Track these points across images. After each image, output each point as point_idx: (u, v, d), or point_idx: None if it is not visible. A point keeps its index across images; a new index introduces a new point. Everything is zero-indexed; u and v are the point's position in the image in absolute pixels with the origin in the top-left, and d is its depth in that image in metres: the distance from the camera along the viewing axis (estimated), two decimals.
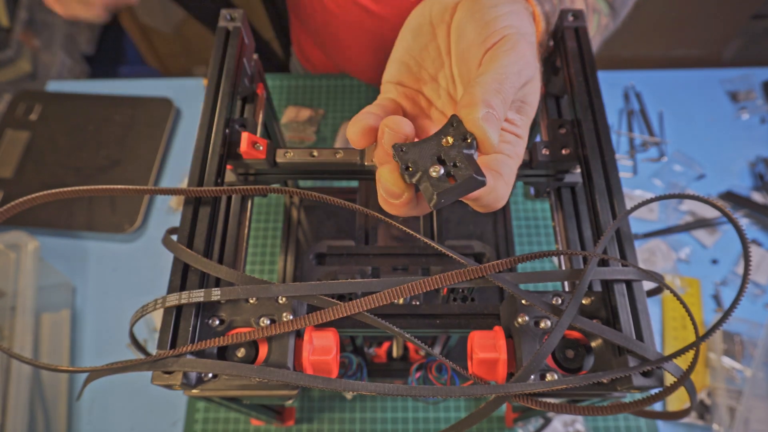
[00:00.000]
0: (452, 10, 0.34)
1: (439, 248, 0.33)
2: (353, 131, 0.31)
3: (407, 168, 0.28)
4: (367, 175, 0.41)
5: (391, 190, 0.28)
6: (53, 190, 0.33)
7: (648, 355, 0.29)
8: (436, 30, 0.35)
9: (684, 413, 0.30)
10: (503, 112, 0.28)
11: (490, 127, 0.27)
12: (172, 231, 0.35)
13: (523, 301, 0.32)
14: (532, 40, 0.32)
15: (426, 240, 0.34)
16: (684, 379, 0.28)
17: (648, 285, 0.34)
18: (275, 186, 0.36)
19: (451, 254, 0.32)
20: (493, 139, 0.27)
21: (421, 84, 0.36)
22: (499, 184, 0.29)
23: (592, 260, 0.31)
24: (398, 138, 0.29)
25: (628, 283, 0.32)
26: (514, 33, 0.31)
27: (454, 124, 0.28)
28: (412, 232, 0.34)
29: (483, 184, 0.26)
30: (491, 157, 0.29)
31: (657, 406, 0.59)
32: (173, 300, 0.30)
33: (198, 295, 0.30)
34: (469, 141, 0.27)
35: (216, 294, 0.31)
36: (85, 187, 0.33)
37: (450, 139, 0.27)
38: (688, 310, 0.30)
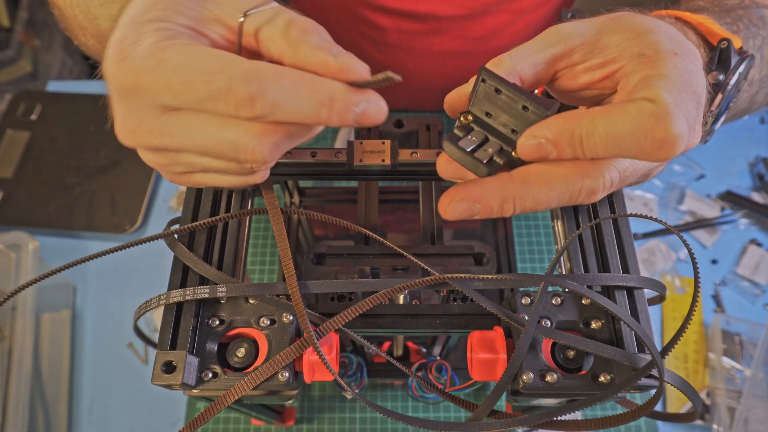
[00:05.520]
0: None
1: (413, 259, 0.33)
2: None
3: None
4: (367, 176, 0.41)
5: None
6: None
7: (643, 364, 0.29)
8: None
9: (692, 416, 0.30)
10: None
11: None
12: (174, 222, 0.36)
13: (523, 301, 0.32)
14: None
15: (400, 251, 0.34)
16: (662, 377, 0.28)
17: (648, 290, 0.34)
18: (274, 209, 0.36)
19: (423, 266, 0.33)
20: None
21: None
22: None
23: (542, 287, 0.31)
24: None
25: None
26: None
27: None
28: (397, 248, 0.34)
29: None
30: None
31: (658, 406, 0.59)
32: (177, 296, 0.30)
33: (203, 291, 0.30)
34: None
35: (221, 290, 0.31)
36: None
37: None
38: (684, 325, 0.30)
